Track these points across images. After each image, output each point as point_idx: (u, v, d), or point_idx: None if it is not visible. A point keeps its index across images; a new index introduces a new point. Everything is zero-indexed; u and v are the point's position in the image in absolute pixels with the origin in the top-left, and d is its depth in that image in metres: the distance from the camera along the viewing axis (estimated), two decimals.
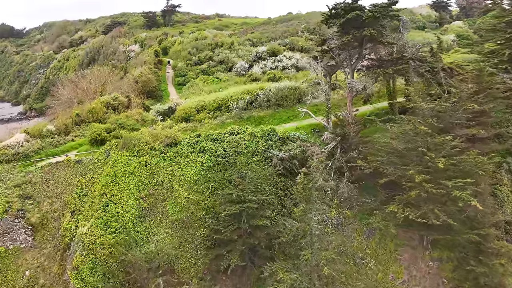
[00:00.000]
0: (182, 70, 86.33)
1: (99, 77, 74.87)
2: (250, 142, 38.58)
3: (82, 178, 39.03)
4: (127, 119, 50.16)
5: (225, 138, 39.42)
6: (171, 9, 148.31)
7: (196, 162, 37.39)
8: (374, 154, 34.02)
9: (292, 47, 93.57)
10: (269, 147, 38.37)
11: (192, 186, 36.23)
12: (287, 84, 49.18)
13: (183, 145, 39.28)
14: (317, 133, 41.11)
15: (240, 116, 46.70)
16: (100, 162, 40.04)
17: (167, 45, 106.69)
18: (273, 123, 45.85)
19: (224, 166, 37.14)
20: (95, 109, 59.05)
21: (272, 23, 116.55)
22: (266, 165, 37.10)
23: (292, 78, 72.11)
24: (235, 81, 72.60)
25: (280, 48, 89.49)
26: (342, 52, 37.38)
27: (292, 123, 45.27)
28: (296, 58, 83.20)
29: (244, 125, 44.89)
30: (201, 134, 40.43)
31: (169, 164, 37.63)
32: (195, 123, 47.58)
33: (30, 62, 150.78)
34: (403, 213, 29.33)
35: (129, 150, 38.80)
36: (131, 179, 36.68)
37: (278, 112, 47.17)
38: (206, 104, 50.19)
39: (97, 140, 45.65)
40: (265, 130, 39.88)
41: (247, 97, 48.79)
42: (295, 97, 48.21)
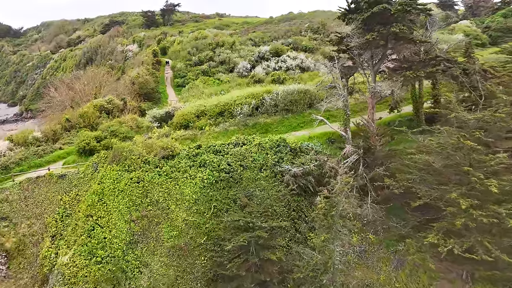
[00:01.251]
0: (181, 70, 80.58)
1: (94, 79, 69.09)
2: (258, 155, 32.99)
3: (65, 196, 33.45)
4: (120, 126, 44.50)
5: (229, 149, 33.81)
6: (171, 8, 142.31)
7: (196, 178, 31.82)
8: (403, 170, 28.46)
9: (296, 47, 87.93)
10: (279, 160, 32.79)
11: (191, 206, 30.64)
12: (296, 87, 43.58)
13: (181, 157, 33.67)
14: (332, 144, 35.53)
15: (245, 123, 41.11)
16: (86, 177, 34.44)
17: (166, 44, 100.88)
18: (281, 131, 40.27)
19: (228, 182, 31.57)
20: (87, 114, 53.47)
21: (274, 22, 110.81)
22: (277, 181, 31.53)
23: (298, 79, 66.73)
24: (237, 82, 66.95)
25: (283, 48, 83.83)
26: (364, 52, 31.79)
27: (303, 131, 39.69)
28: (301, 58, 77.72)
29: (249, 134, 39.34)
30: (202, 145, 34.82)
31: (165, 181, 32.03)
32: (195, 130, 41.97)
33: (27, 62, 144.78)
34: (446, 245, 23.79)
35: (120, 163, 33.21)
36: (121, 198, 31.09)
37: (287, 119, 41.58)
38: (207, 109, 44.57)
39: (86, 150, 40.08)
40: (274, 140, 34.29)
41: (252, 101, 43.18)
42: (305, 102, 42.63)
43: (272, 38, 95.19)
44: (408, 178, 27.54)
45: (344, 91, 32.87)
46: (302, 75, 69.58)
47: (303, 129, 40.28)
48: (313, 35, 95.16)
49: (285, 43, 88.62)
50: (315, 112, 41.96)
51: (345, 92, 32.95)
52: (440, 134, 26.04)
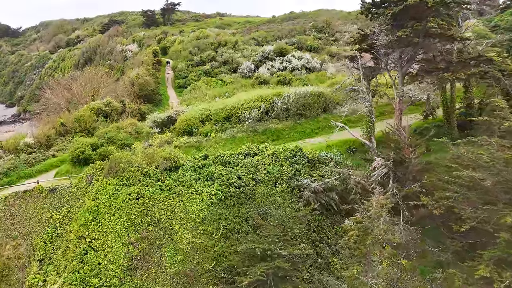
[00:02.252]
0: (182, 71, 76.35)
1: (91, 80, 64.78)
2: (272, 167, 28.86)
3: (56, 213, 29.26)
4: (118, 132, 40.28)
5: (239, 160, 29.66)
6: (171, 7, 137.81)
7: (203, 193, 27.67)
8: (442, 187, 24.39)
9: (300, 47, 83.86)
10: (295, 173, 28.68)
11: (197, 226, 26.51)
12: (308, 90, 39.46)
13: (185, 169, 29.52)
14: (354, 153, 31.45)
15: (254, 129, 36.96)
16: (79, 191, 30.24)
17: (166, 44, 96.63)
18: (294, 137, 36.15)
19: (238, 199, 27.45)
20: (83, 117, 49.21)
21: (277, 21, 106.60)
22: (294, 197, 27.40)
23: (305, 80, 62.75)
24: (242, 83, 62.77)
25: (288, 48, 79.75)
26: (392, 51, 27.67)
27: (319, 138, 35.59)
28: (306, 58, 73.64)
29: (259, 141, 35.26)
30: (209, 155, 30.66)
31: (168, 196, 27.87)
32: (200, 137, 37.79)
33: (25, 62, 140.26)
34: (502, 280, 19.73)
35: (117, 176, 29.05)
36: (118, 217, 26.95)
37: (300, 124, 37.44)
38: (212, 114, 40.39)
39: (80, 159, 35.84)
40: (289, 149, 30.15)
41: (261, 105, 39.02)
42: (320, 106, 38.49)
43: (275, 38, 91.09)
44: (448, 196, 23.47)
45: (368, 95, 28.74)
46: (309, 75, 65.58)
47: (319, 135, 36.18)
48: (317, 35, 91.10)
49: (289, 43, 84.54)
50: (330, 117, 37.94)
51: (369, 96, 28.83)
52: (491, 146, 21.92)
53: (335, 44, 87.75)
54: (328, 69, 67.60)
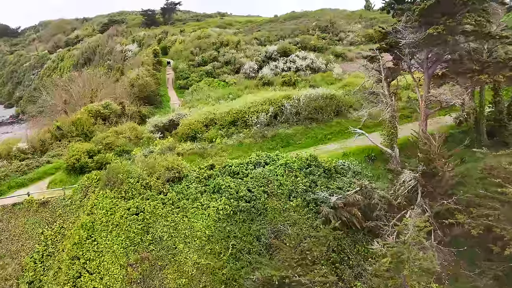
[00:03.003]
0: (184, 71, 73.25)
1: (90, 81, 61.66)
2: (285, 178, 25.89)
3: (47, 229, 26.24)
4: (117, 137, 37.27)
5: (248, 171, 26.70)
6: (171, 7, 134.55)
7: (209, 208, 24.71)
8: (478, 203, 21.46)
9: (304, 46, 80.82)
10: (311, 185, 25.74)
11: (203, 245, 23.56)
12: (320, 92, 36.50)
13: (190, 181, 26.55)
14: (373, 162, 28.51)
15: (263, 135, 33.98)
16: (74, 204, 27.23)
17: (167, 44, 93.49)
18: (306, 143, 33.19)
19: (249, 214, 24.49)
20: (81, 120, 46.12)
21: (279, 20, 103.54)
22: (310, 212, 24.45)
23: (311, 81, 59.82)
24: (245, 85, 59.74)
25: (291, 47, 76.78)
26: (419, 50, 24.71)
27: (332, 144, 32.62)
28: (311, 59, 70.69)
29: (268, 147, 32.35)
30: (215, 164, 27.68)
31: (171, 211, 24.91)
32: (204, 143, 34.81)
33: (24, 63, 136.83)
34: None
35: (114, 188, 26.07)
36: (116, 234, 23.98)
37: (311, 129, 34.47)
38: (217, 117, 37.40)
39: (75, 168, 32.84)
40: (303, 158, 27.20)
41: (269, 108, 36.05)
42: (332, 109, 35.52)
43: (278, 37, 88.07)
44: (488, 214, 20.56)
45: (391, 99, 25.80)
46: (315, 76, 62.64)
47: (332, 141, 33.22)
48: (321, 34, 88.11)
49: (292, 42, 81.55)
50: (344, 121, 35.00)
51: (392, 100, 25.88)
52: None
53: (340, 44, 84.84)
54: (334, 69, 64.62)
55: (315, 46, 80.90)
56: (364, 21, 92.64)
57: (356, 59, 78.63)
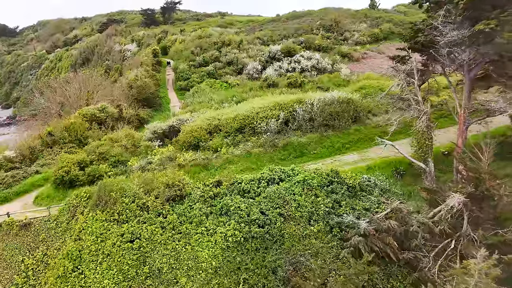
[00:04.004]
0: (184, 72, 69.14)
1: (86, 82, 57.58)
2: (304, 198, 21.98)
3: (28, 257, 22.27)
4: (112, 146, 33.29)
5: (261, 189, 22.77)
6: (171, 6, 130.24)
7: (216, 234, 20.79)
8: None
9: (308, 46, 76.84)
10: (334, 206, 21.84)
11: (210, 279, 19.65)
12: (335, 96, 32.55)
13: (193, 200, 22.63)
14: (401, 177, 24.61)
15: (273, 143, 30.04)
16: (60, 227, 23.27)
17: (167, 44, 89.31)
18: (322, 154, 29.26)
19: (263, 242, 20.59)
20: (74, 125, 42.08)
21: (281, 20, 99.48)
22: (334, 239, 20.58)
23: (319, 82, 55.90)
24: (249, 86, 55.70)
25: (296, 47, 72.75)
26: (463, 50, 20.78)
27: (351, 155, 28.70)
28: (316, 59, 66.69)
29: (281, 159, 28.40)
30: (222, 180, 23.74)
31: (171, 238, 20.98)
32: (208, 153, 30.86)
33: (22, 63, 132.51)
34: None
35: (106, 209, 22.14)
36: (107, 266, 20.04)
37: (327, 137, 30.52)
38: (221, 124, 33.45)
39: (65, 181, 28.90)
40: (323, 174, 23.29)
41: (280, 114, 32.10)
42: (350, 115, 31.56)
43: (281, 37, 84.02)
44: None
45: (426, 106, 21.89)
46: (322, 77, 58.58)
47: (350, 151, 29.31)
48: (325, 34, 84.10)
49: (296, 42, 77.58)
50: (363, 128, 31.10)
51: (426, 108, 21.97)
52: None
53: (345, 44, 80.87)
54: (342, 70, 60.70)
55: (320, 45, 76.97)
56: (369, 20, 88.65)
57: (363, 59, 74.94)
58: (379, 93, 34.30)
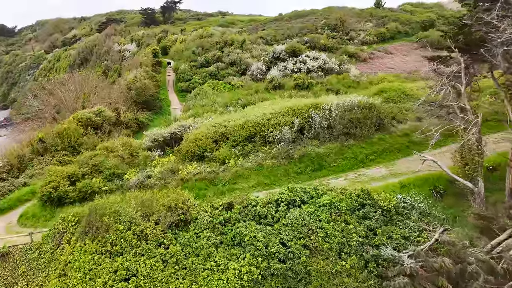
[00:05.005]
0: (185, 73, 65.15)
1: (82, 84, 53.65)
2: (332, 225, 18.18)
3: None
4: (107, 156, 29.43)
5: (280, 213, 18.98)
6: (172, 5, 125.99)
7: (229, 270, 16.98)
8: None
9: (313, 46, 72.97)
10: (368, 235, 18.07)
11: None
12: (355, 100, 28.73)
13: (200, 226, 18.82)
14: (441, 197, 20.83)
15: (288, 155, 26.23)
16: (43, 258, 19.44)
17: (167, 43, 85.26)
18: (343, 166, 25.47)
19: (285, 280, 16.80)
20: (68, 131, 38.25)
21: (284, 19, 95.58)
22: (371, 276, 16.81)
23: (327, 84, 52.10)
24: (254, 88, 51.81)
25: (301, 47, 68.82)
26: None
27: (378, 168, 24.91)
28: (323, 59, 62.86)
29: (297, 173, 24.64)
30: (233, 202, 19.94)
31: (174, 275, 17.16)
32: (214, 164, 27.04)
33: (20, 63, 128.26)
34: None
35: (98, 237, 18.33)
36: None
37: (348, 147, 26.70)
38: (229, 131, 29.62)
39: (52, 199, 25.07)
40: (353, 195, 19.50)
41: (294, 120, 28.28)
42: (372, 122, 27.74)
43: (285, 36, 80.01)
44: None
45: (478, 117, 18.16)
46: (330, 78, 54.74)
47: (375, 163, 25.52)
48: (331, 33, 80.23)
49: (300, 42, 73.68)
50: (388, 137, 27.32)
51: (478, 118, 18.24)
52: None
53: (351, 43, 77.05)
54: (351, 71, 56.91)
55: (325, 45, 73.14)
56: (374, 19, 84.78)
57: (370, 59, 71.20)
58: (402, 97, 30.55)
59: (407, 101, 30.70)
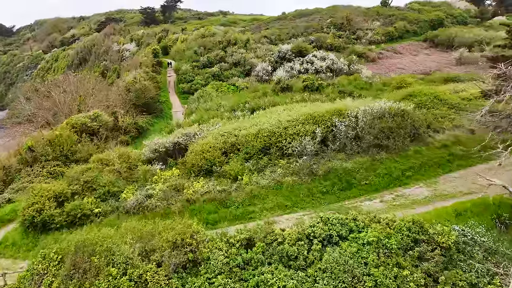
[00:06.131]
0: (187, 74, 60.96)
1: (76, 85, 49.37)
2: (383, 271, 14.05)
3: None
4: (101, 170, 25.23)
5: (313, 253, 14.85)
6: (172, 4, 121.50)
7: None
8: None
9: (320, 45, 68.93)
10: (427, 282, 13.96)
11: None
12: (384, 106, 24.62)
13: (213, 269, 14.68)
14: (506, 228, 16.75)
15: (311, 170, 22.12)
16: None
17: (167, 43, 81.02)
18: (376, 184, 21.35)
19: None
20: (60, 138, 34.08)
21: (288, 18, 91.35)
22: None
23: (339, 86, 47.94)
24: (262, 91, 47.54)
25: (308, 47, 64.74)
26: None
27: (417, 187, 20.82)
28: (331, 59, 58.78)
29: (322, 192, 20.57)
30: (255, 239, 15.78)
31: None
32: (225, 181, 22.91)
33: (18, 63, 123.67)
34: None
35: (84, 285, 14.17)
36: None
37: (380, 161, 22.58)
38: (240, 141, 25.47)
39: (36, 224, 20.90)
40: (403, 228, 15.34)
41: (316, 130, 24.14)
42: (406, 132, 23.63)
43: (290, 36, 75.94)
44: None
45: None
46: (341, 80, 50.60)
47: (413, 181, 21.43)
48: (337, 32, 76.14)
49: (306, 41, 69.53)
50: (424, 150, 23.21)
51: None
52: None
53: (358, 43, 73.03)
54: (362, 72, 52.82)
55: (332, 45, 69.09)
56: (381, 18, 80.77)
57: (379, 59, 67.27)
58: (435, 101, 26.49)
59: (441, 107, 26.61)
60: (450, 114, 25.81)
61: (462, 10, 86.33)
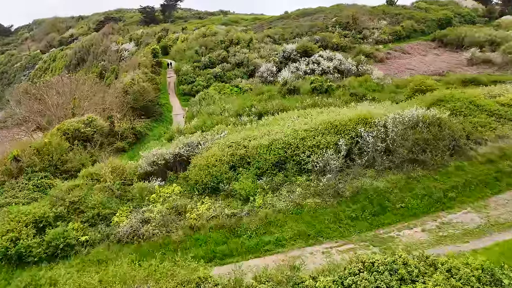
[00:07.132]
0: (188, 75, 57.24)
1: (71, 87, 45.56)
2: None
3: None
4: (90, 188, 21.49)
5: None
6: (172, 3, 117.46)
7: None
8: None
9: (325, 45, 65.25)
10: None
11: None
12: (417, 114, 20.91)
13: None
14: None
15: (336, 191, 18.43)
16: None
17: (167, 43, 77.19)
18: (414, 208, 17.66)
19: None
20: (49, 147, 30.31)
21: (291, 17, 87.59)
22: None
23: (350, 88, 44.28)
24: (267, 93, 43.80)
25: (313, 47, 61.09)
26: None
27: (465, 212, 17.12)
28: (339, 59, 55.30)
29: (351, 218, 16.95)
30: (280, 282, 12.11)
31: None
32: (234, 202, 19.23)
33: (15, 63, 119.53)
34: None
35: None
36: None
37: (416, 179, 18.89)
38: (250, 154, 21.75)
39: (10, 257, 17.16)
40: (472, 278, 11.67)
41: (339, 141, 20.44)
42: (445, 144, 19.97)
43: (294, 35, 72.21)
44: None
45: None
46: (351, 81, 46.93)
47: (458, 204, 17.77)
48: (342, 31, 72.43)
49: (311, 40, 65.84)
50: (467, 165, 19.54)
51: None
52: None
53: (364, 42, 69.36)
54: (373, 73, 49.21)
55: (338, 44, 65.39)
56: (388, 17, 77.11)
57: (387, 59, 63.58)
58: (472, 108, 22.84)
59: (479, 114, 22.98)
60: (491, 122, 22.16)
61: (470, 9, 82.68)
